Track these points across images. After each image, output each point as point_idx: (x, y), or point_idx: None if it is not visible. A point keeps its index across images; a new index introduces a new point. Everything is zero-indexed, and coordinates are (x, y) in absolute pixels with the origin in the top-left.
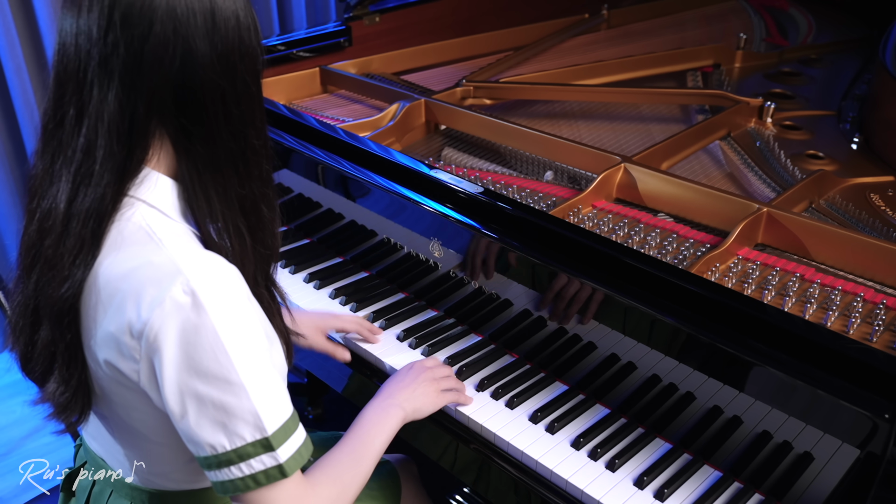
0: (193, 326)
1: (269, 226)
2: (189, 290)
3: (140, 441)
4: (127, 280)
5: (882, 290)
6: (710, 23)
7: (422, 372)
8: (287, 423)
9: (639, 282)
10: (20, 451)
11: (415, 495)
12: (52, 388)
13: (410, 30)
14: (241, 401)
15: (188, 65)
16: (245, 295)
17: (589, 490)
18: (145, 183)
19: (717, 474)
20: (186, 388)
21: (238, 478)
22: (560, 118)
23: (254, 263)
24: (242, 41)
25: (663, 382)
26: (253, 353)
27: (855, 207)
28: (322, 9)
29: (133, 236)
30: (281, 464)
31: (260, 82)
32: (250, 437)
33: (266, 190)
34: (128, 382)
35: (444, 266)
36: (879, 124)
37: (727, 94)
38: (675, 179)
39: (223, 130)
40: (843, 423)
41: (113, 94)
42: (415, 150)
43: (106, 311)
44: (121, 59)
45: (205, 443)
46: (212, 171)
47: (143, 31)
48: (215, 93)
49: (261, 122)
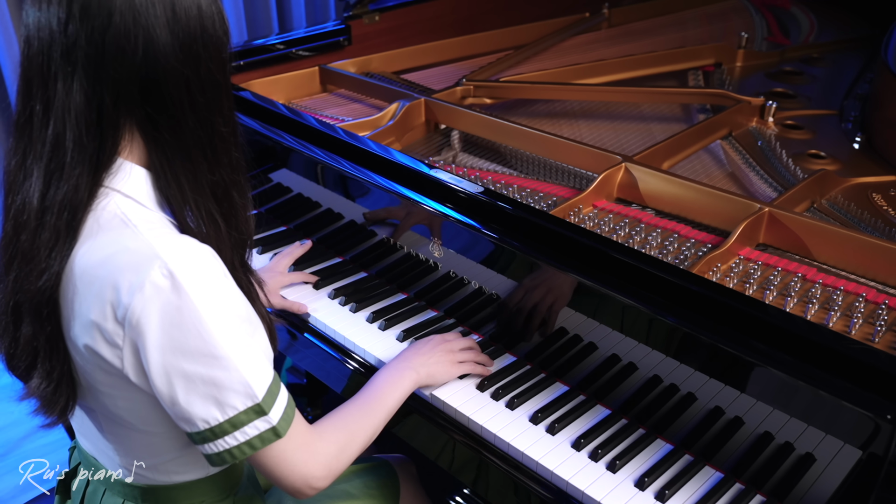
0: (175, 308)
1: (241, 211)
2: (167, 272)
3: (128, 432)
4: (104, 267)
5: (884, 290)
6: (711, 21)
7: (440, 343)
8: (272, 387)
9: (640, 282)
10: (19, 452)
11: (414, 496)
12: (36, 383)
13: (410, 28)
14: (230, 373)
15: (151, 54)
16: (221, 271)
17: (590, 491)
18: (120, 173)
19: (718, 475)
20: (173, 369)
21: (234, 446)
22: (561, 117)
23: (230, 248)
24: (205, 30)
25: (664, 383)
26: (234, 324)
27: (857, 207)
28: (321, 8)
29: (108, 224)
30: (274, 426)
31: (227, 70)
32: (242, 406)
33: (236, 176)
34: (110, 368)
35: (443, 266)
36: (881, 124)
37: (728, 94)
38: (676, 179)
39: (189, 118)
40: (845, 424)
41: (78, 86)
42: (415, 150)
43: (85, 299)
44: (83, 52)
45: (198, 418)
46: (181, 159)
47: (103, 23)
48: (179, 81)
49: (228, 110)
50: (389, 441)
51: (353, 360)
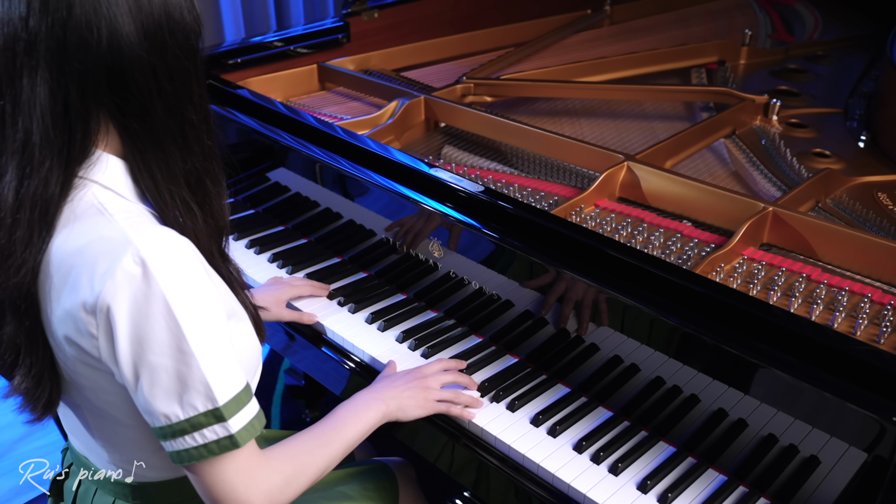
0: (144, 296)
1: (216, 199)
2: (139, 260)
3: (115, 427)
4: (80, 255)
5: (889, 290)
6: (714, 19)
7: (417, 377)
8: (239, 395)
9: (642, 282)
10: (15, 454)
11: (413, 499)
12: (19, 380)
13: (410, 26)
14: (193, 370)
15: (115, 44)
16: (198, 266)
17: (591, 494)
18: (97, 165)
19: (721, 478)
20: (139, 359)
21: (192, 447)
22: (562, 116)
23: (208, 237)
24: (171, 17)
25: (667, 385)
26: (205, 323)
27: (862, 206)
28: (320, 5)
29: (84, 213)
30: (232, 434)
31: (196, 58)
32: (202, 407)
33: (209, 164)
34: (91, 361)
35: (443, 266)
36: (887, 122)
37: (732, 92)
38: (679, 178)
39: (158, 107)
40: (850, 426)
41: (41, 80)
42: (414, 149)
43: (62, 289)
44: (44, 45)
45: (159, 412)
46: (153, 149)
47: (63, 15)
48: (146, 70)
49: (199, 98)
50: (388, 443)
51: (351, 362)
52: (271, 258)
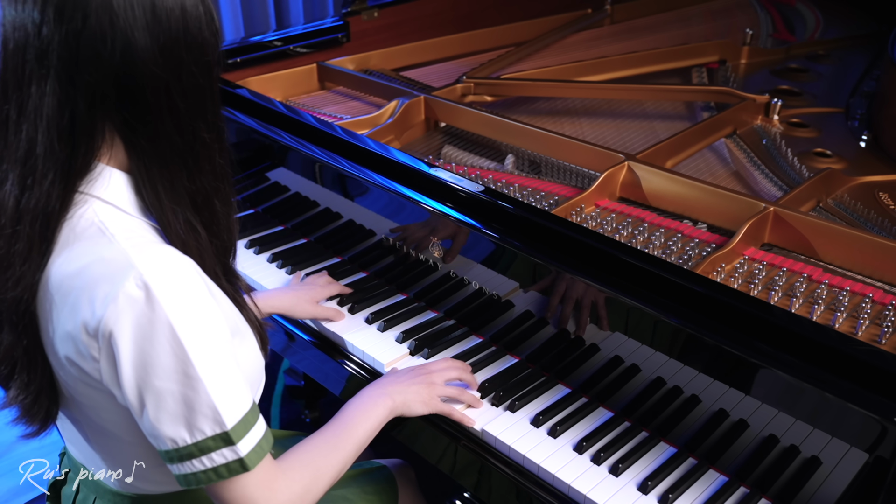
0: (148, 321)
1: (224, 220)
2: (142, 284)
3: (114, 442)
4: (80, 277)
5: (891, 290)
6: (715, 18)
7: (422, 373)
8: (247, 417)
9: (642, 282)
10: (19, 452)
11: (412, 501)
12: (14, 394)
13: (409, 25)
14: (199, 395)
15: (128, 58)
16: (201, 286)
17: (592, 495)
18: (99, 179)
19: (722, 479)
20: (144, 384)
21: (200, 470)
22: (562, 115)
23: (212, 256)
24: (188, 32)
25: (667, 385)
26: (210, 346)
27: (863, 206)
28: (319, 4)
29: (85, 232)
30: (242, 458)
31: (211, 74)
32: (210, 431)
33: (219, 184)
34: (92, 382)
35: (443, 266)
36: (888, 121)
37: (733, 91)
38: (679, 178)
39: (168, 125)
40: (852, 427)
41: (51, 90)
42: (414, 148)
43: (61, 311)
44: (56, 55)
45: (165, 437)
46: (158, 166)
47: (77, 25)
48: (158, 86)
49: (213, 116)
50: (388, 445)
51: (351, 362)
52: (271, 258)
